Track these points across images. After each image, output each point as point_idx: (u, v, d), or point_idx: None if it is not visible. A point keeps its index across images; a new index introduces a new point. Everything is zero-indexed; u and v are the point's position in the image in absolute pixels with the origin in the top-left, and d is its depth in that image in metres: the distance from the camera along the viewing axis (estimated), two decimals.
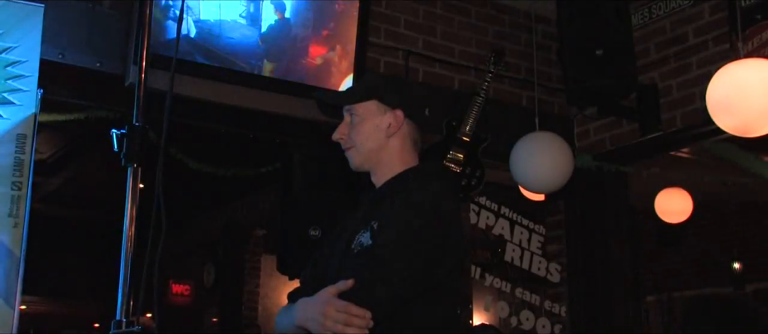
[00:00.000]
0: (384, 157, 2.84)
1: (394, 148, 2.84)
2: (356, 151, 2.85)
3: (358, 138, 2.83)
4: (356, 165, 2.87)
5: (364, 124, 2.83)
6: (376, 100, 2.85)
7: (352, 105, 2.85)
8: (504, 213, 6.60)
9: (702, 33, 5.67)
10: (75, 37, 4.77)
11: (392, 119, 2.83)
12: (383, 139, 2.83)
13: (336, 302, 2.47)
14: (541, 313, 6.58)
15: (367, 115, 2.84)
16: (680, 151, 6.09)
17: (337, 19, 5.30)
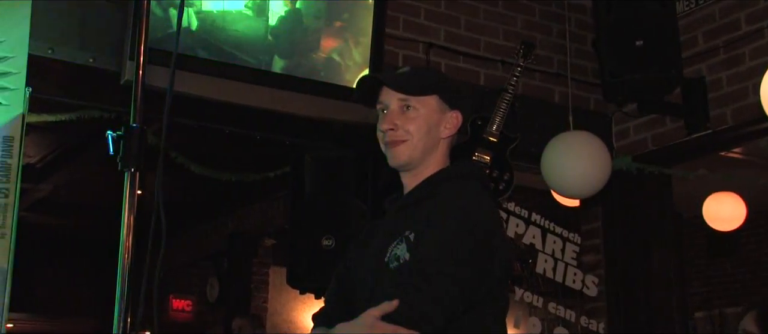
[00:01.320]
0: (430, 158, 2.83)
1: (442, 150, 2.85)
2: (409, 144, 2.79)
3: (417, 132, 2.79)
4: (403, 160, 2.82)
5: (421, 117, 2.80)
6: (437, 95, 2.84)
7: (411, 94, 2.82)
8: (535, 220, 6.58)
9: (756, 20, 5.64)
10: (66, 31, 4.79)
11: (451, 120, 2.84)
12: (437, 139, 2.82)
13: (382, 325, 2.46)
14: (577, 330, 6.56)
15: (425, 110, 2.81)
16: (731, 152, 6.09)
17: (352, 9, 5.31)
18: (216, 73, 4.88)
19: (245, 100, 5.03)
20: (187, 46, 4.79)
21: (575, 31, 6.13)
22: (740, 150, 6.03)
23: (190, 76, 4.66)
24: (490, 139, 5.45)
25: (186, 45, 4.77)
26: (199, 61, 4.83)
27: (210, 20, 4.93)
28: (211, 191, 7.76)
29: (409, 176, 2.85)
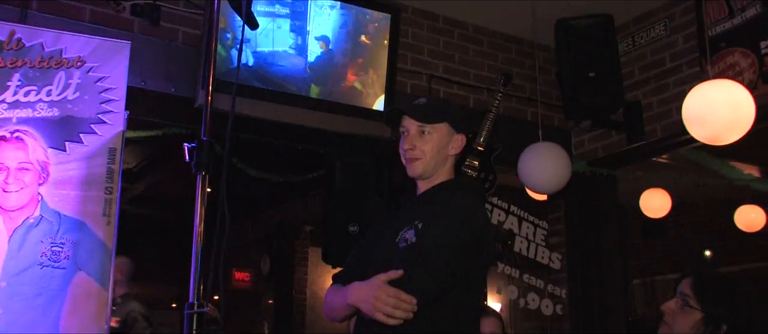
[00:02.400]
0: (440, 170, 2.90)
1: (449, 164, 2.92)
2: (423, 161, 2.86)
3: (428, 149, 2.85)
4: (418, 173, 2.88)
5: (433, 140, 2.86)
6: (448, 123, 2.88)
7: (427, 123, 2.87)
8: (513, 211, 6.58)
9: (677, 58, 5.67)
10: (154, 68, 4.80)
11: (458, 142, 2.89)
12: (446, 156, 2.89)
13: (387, 288, 2.50)
14: (545, 295, 6.55)
15: (438, 134, 2.87)
16: (660, 158, 6.07)
17: (371, 49, 5.30)
18: (266, 98, 4.89)
19: (289, 119, 5.04)
20: (245, 77, 4.81)
21: (543, 65, 6.12)
22: (667, 156, 6.02)
23: (247, 101, 4.69)
24: (478, 148, 5.43)
25: (244, 77, 4.79)
26: (254, 89, 4.84)
27: (262, 58, 4.95)
28: (263, 189, 7.76)
29: (422, 182, 2.91)
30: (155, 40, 4.87)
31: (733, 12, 5.20)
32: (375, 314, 2.51)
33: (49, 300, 3.61)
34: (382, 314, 2.48)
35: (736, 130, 4.13)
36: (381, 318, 2.49)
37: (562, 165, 5.17)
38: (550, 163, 5.20)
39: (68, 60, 3.90)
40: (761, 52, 4.98)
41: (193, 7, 5.02)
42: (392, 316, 2.47)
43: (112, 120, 3.91)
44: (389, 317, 2.48)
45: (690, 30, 5.56)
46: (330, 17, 5.20)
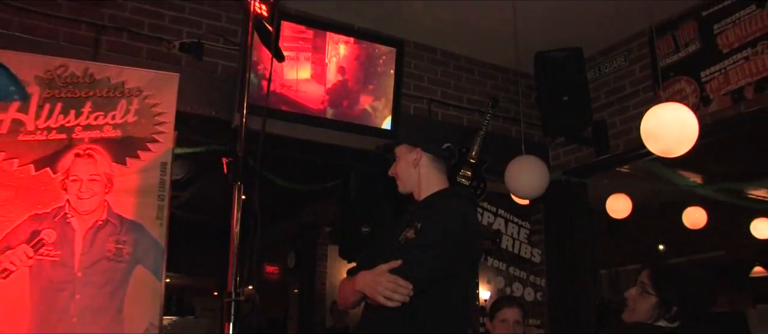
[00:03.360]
0: (418, 181, 2.95)
1: (423, 174, 2.95)
2: (400, 181, 2.99)
3: (399, 171, 2.99)
4: (401, 190, 3.01)
5: (400, 161, 3.00)
6: (404, 144, 2.99)
7: (394, 147, 3.02)
8: (500, 213, 6.60)
9: (635, 85, 5.72)
10: (198, 95, 4.84)
11: (416, 155, 2.94)
12: (413, 169, 2.96)
13: (387, 275, 2.54)
14: (528, 284, 6.56)
15: (401, 155, 3.00)
16: (623, 168, 6.08)
17: (380, 77, 5.33)
18: (291, 119, 4.92)
19: (310, 137, 5.06)
20: (273, 102, 4.83)
21: (525, 90, 6.14)
22: (628, 167, 6.03)
23: (275, 122, 4.73)
24: (470, 161, 5.46)
25: (272, 102, 4.81)
26: (281, 112, 4.87)
27: (288, 85, 4.98)
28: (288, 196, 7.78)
29: (414, 195, 2.98)
30: (199, 72, 4.91)
31: (678, 47, 5.27)
32: (377, 298, 2.54)
33: (115, 288, 3.69)
34: (382, 297, 2.52)
35: (684, 145, 4.18)
36: (382, 301, 2.53)
37: (541, 175, 5.19)
38: (531, 173, 5.21)
39: (129, 90, 3.98)
40: (702, 80, 5.10)
41: (231, 44, 5.07)
42: (391, 298, 2.51)
43: (163, 139, 3.98)
44: (388, 299, 2.51)
45: (645, 61, 5.63)
46: (344, 50, 5.23)
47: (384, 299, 2.52)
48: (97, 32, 4.61)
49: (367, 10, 5.45)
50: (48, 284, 3.59)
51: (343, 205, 5.62)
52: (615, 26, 5.67)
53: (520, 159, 5.26)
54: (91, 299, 3.65)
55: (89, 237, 3.72)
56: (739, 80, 4.87)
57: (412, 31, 5.78)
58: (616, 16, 5.48)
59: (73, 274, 3.63)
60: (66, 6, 4.56)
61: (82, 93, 3.88)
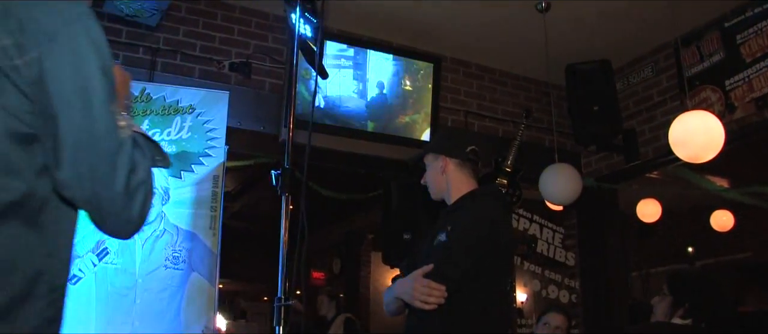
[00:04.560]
0: (447, 187, 2.91)
1: (452, 180, 2.91)
2: (431, 189, 2.97)
3: (429, 180, 2.97)
4: (434, 198, 2.98)
5: (428, 170, 2.98)
6: (430, 153, 2.97)
7: (422, 159, 3.01)
8: (535, 219, 6.55)
9: (662, 94, 5.64)
10: (247, 111, 4.89)
11: (441, 162, 2.92)
12: (441, 176, 2.92)
13: (422, 279, 2.53)
14: (562, 287, 6.49)
15: (428, 164, 2.98)
16: (652, 174, 6.00)
17: (419, 91, 5.34)
18: (335, 132, 4.95)
19: (353, 149, 5.08)
20: (318, 116, 4.87)
21: (556, 101, 6.08)
22: (657, 173, 5.96)
23: (320, 135, 4.75)
24: (506, 169, 5.41)
25: (317, 116, 4.85)
26: (325, 126, 4.90)
27: (331, 101, 5.01)
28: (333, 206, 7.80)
29: (445, 200, 2.94)
30: (248, 90, 4.96)
31: (703, 57, 5.19)
32: (414, 302, 2.53)
33: (172, 294, 3.73)
34: (419, 301, 2.51)
35: (711, 151, 4.12)
36: (418, 305, 2.51)
37: (574, 182, 5.13)
38: (564, 180, 5.16)
39: (183, 108, 4.03)
40: (726, 88, 5.02)
41: (277, 62, 5.11)
42: (427, 302, 2.49)
43: (215, 153, 4.02)
44: (425, 302, 2.50)
45: (671, 71, 5.56)
46: (385, 66, 5.24)
47: (420, 302, 2.50)
48: (152, 55, 4.68)
49: (405, 29, 5.46)
50: (112, 290, 3.65)
51: (385, 213, 5.61)
52: (641, 39, 5.61)
53: (554, 167, 5.21)
54: (151, 303, 3.70)
55: (148, 246, 3.76)
56: (762, 88, 4.79)
57: (448, 46, 5.77)
58: (643, 29, 5.41)
59: (134, 280, 3.68)
60: (125, 32, 4.65)
61: (139, 111, 3.94)
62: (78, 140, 1.22)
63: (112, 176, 1.25)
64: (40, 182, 1.25)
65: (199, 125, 4.04)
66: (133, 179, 1.28)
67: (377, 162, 5.31)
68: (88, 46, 1.26)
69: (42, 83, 1.21)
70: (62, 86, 1.22)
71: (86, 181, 1.24)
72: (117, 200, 1.26)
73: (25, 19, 1.22)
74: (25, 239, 1.22)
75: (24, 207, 1.22)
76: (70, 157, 1.22)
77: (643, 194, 7.27)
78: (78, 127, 1.22)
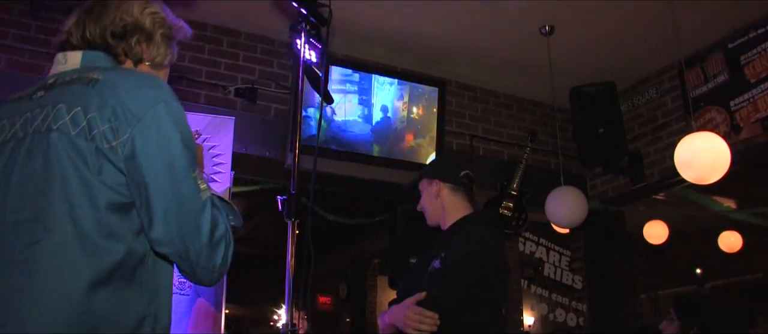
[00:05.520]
0: (442, 212, 2.91)
1: (445, 205, 2.91)
2: (427, 214, 2.96)
3: (424, 205, 2.97)
4: (430, 223, 2.97)
5: (423, 195, 2.98)
6: (424, 178, 2.97)
7: (416, 185, 3.01)
8: (542, 242, 6.53)
9: (667, 115, 5.64)
10: (253, 137, 4.90)
11: (435, 187, 2.91)
12: (436, 200, 2.92)
13: (414, 307, 2.52)
14: (570, 310, 6.46)
15: (423, 189, 2.98)
16: (658, 195, 5.98)
17: (424, 115, 5.34)
18: (341, 158, 4.94)
19: (359, 174, 5.08)
20: (324, 142, 4.86)
21: (561, 124, 6.09)
22: (664, 194, 5.94)
23: (325, 161, 4.74)
24: (512, 193, 5.41)
25: (323, 141, 4.84)
26: (331, 151, 4.89)
27: (337, 126, 5.01)
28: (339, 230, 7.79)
29: (441, 225, 2.93)
30: (253, 115, 4.97)
31: (707, 78, 5.20)
32: (407, 330, 2.50)
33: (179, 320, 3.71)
34: (411, 329, 2.49)
35: (717, 172, 4.10)
36: (411, 333, 2.49)
37: (580, 204, 5.12)
38: (570, 203, 5.15)
39: None
40: (731, 109, 5.02)
41: (282, 88, 5.12)
42: (419, 330, 2.47)
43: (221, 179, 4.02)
44: (417, 331, 2.48)
45: (676, 93, 5.57)
46: (390, 91, 5.25)
47: (412, 331, 2.48)
48: None
49: (409, 53, 5.48)
50: None
51: (391, 237, 5.59)
52: (646, 61, 5.62)
53: (559, 190, 5.20)
54: None
55: None
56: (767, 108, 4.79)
57: (453, 70, 5.79)
58: (647, 51, 5.42)
59: None
60: None
61: None
62: (167, 204, 1.45)
63: (197, 232, 1.48)
64: (138, 242, 1.47)
65: (205, 151, 4.05)
66: (216, 234, 1.52)
67: (383, 186, 5.30)
68: (170, 123, 1.49)
69: (134, 159, 1.43)
70: (151, 160, 1.44)
71: (176, 237, 1.46)
72: (203, 252, 1.50)
73: (118, 106, 1.45)
74: (127, 293, 1.44)
75: (125, 265, 1.44)
76: (161, 219, 1.45)
77: (649, 216, 7.25)
78: (166, 193, 1.45)
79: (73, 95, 1.48)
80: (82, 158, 1.42)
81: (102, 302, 1.38)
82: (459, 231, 2.79)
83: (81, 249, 1.38)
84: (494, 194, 5.46)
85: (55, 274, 1.36)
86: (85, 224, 1.40)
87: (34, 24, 4.50)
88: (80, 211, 1.40)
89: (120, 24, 1.64)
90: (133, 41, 1.66)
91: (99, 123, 1.43)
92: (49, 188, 1.41)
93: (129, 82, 1.50)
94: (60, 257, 1.37)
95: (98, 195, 1.42)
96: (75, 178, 1.41)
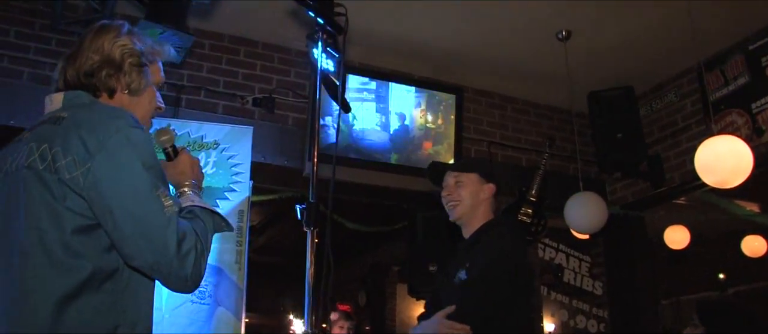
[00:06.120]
0: (476, 213, 2.84)
1: (482, 209, 2.85)
2: (461, 205, 2.83)
3: (466, 196, 2.83)
4: (457, 216, 2.85)
5: (467, 187, 2.84)
6: (477, 173, 2.86)
7: (461, 172, 2.87)
8: (562, 248, 6.49)
9: (687, 119, 5.60)
10: (271, 146, 4.91)
11: (488, 189, 2.85)
12: (477, 201, 2.84)
13: (445, 321, 2.49)
14: (591, 316, 6.40)
15: (469, 182, 2.85)
16: (679, 200, 5.93)
17: (441, 122, 5.33)
18: (359, 166, 4.95)
19: (377, 182, 5.07)
20: (342, 150, 4.86)
21: (580, 129, 6.05)
22: (685, 199, 5.88)
23: (344, 169, 4.73)
24: (531, 199, 5.38)
25: (341, 150, 4.82)
26: (349, 159, 4.90)
27: (354, 134, 5.02)
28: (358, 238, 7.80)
29: (463, 227, 2.88)
30: (271, 125, 4.99)
31: (727, 81, 5.15)
32: None
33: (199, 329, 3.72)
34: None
35: (739, 175, 4.05)
36: None
37: (599, 209, 5.09)
38: (590, 208, 5.11)
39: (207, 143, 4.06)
40: (753, 111, 4.96)
41: (300, 97, 5.14)
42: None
43: (240, 188, 4.04)
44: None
45: (695, 96, 5.52)
46: (407, 98, 5.25)
47: None
48: (177, 92, 4.74)
49: (426, 60, 5.48)
50: None
51: (410, 245, 5.59)
52: (664, 64, 5.58)
53: (579, 195, 5.17)
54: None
55: None
56: None
57: (470, 77, 5.78)
58: (665, 54, 5.39)
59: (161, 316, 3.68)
60: None
61: None
62: (133, 225, 1.60)
63: (164, 247, 1.61)
64: (108, 258, 1.64)
65: (224, 160, 4.07)
66: (183, 246, 1.64)
67: (401, 194, 5.30)
68: (128, 150, 1.64)
69: (96, 187, 1.60)
70: (111, 186, 1.61)
71: (145, 252, 1.61)
72: (173, 264, 1.62)
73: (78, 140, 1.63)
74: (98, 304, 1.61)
75: (93, 280, 1.61)
76: (128, 239, 1.61)
77: (670, 221, 7.18)
78: (129, 215, 1.60)
79: (43, 134, 1.69)
80: (48, 189, 1.61)
81: (73, 313, 1.57)
82: (483, 239, 2.76)
83: (51, 269, 1.58)
84: (513, 200, 5.44)
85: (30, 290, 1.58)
86: (54, 246, 1.59)
87: (56, 38, 4.55)
88: (48, 236, 1.59)
89: (88, 63, 1.83)
90: (103, 75, 1.83)
91: (62, 156, 1.62)
92: (20, 217, 1.63)
93: (90, 117, 1.70)
94: (33, 278, 1.58)
95: (64, 221, 1.60)
96: (43, 207, 1.61)
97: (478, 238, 2.79)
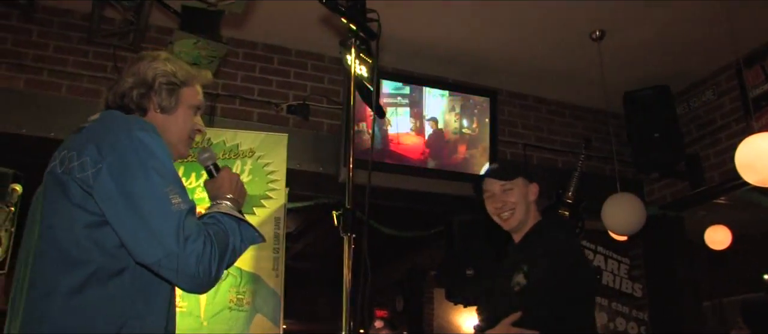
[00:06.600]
0: (526, 217, 2.79)
1: (532, 210, 2.81)
2: (516, 212, 2.78)
3: (518, 203, 2.78)
4: (514, 224, 2.80)
5: (516, 193, 2.79)
6: (521, 176, 2.83)
7: (506, 180, 2.81)
8: (600, 251, 6.40)
9: (725, 117, 5.51)
10: (306, 153, 4.93)
11: (534, 190, 2.81)
12: (528, 204, 2.79)
13: (512, 329, 2.45)
14: (630, 318, 6.31)
15: (517, 187, 2.80)
16: (719, 199, 5.83)
17: (476, 126, 5.31)
18: (395, 171, 4.94)
19: (413, 187, 5.07)
20: (377, 155, 4.88)
21: (615, 130, 5.98)
22: (725, 198, 5.78)
23: (379, 174, 4.73)
24: (567, 201, 5.33)
25: (376, 155, 4.85)
26: (385, 165, 4.90)
27: (390, 139, 5.02)
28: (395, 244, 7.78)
29: (515, 231, 2.82)
30: (306, 132, 5.02)
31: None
32: None
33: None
34: None
35: None
36: None
37: (638, 211, 5.01)
38: (628, 209, 5.04)
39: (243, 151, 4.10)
40: None
41: (334, 103, 5.16)
42: None
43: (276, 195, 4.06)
44: None
45: (734, 93, 5.43)
46: (441, 102, 5.24)
47: None
48: (212, 100, 4.78)
49: (459, 64, 5.46)
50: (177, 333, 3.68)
51: (447, 250, 5.57)
52: (701, 62, 5.50)
53: (616, 197, 5.10)
54: None
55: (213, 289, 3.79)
56: None
57: (504, 79, 5.75)
58: (701, 52, 5.30)
59: (200, 323, 3.71)
60: None
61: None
62: (137, 220, 1.66)
63: (166, 242, 1.64)
64: (117, 253, 1.71)
65: (259, 168, 4.09)
66: (189, 243, 1.66)
67: (437, 198, 5.28)
68: (137, 150, 1.72)
69: (105, 184, 1.68)
70: (119, 183, 1.68)
71: (149, 248, 1.65)
72: (177, 260, 1.65)
73: (92, 145, 1.73)
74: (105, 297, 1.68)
75: (101, 273, 1.69)
76: (132, 235, 1.67)
77: (711, 221, 7.05)
78: (134, 211, 1.66)
79: (67, 142, 1.83)
80: (63, 189, 1.72)
81: (80, 304, 1.66)
82: (535, 242, 2.72)
83: (61, 263, 1.68)
84: (550, 203, 5.38)
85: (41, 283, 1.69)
86: (64, 242, 1.69)
87: (92, 50, 4.63)
88: (59, 232, 1.70)
89: (125, 85, 1.97)
90: (135, 95, 1.96)
91: (76, 159, 1.73)
92: (38, 217, 1.76)
93: (104, 125, 1.82)
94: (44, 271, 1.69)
95: (75, 218, 1.70)
96: (57, 205, 1.73)
97: (530, 240, 2.75)
